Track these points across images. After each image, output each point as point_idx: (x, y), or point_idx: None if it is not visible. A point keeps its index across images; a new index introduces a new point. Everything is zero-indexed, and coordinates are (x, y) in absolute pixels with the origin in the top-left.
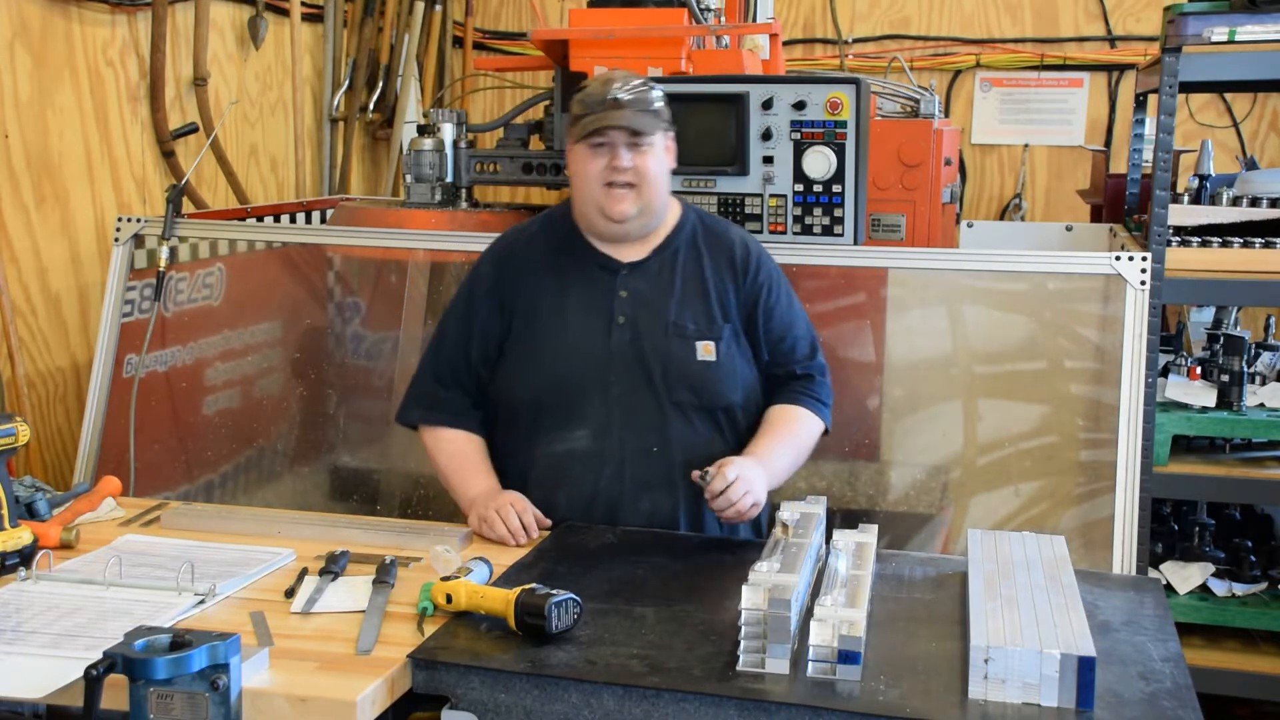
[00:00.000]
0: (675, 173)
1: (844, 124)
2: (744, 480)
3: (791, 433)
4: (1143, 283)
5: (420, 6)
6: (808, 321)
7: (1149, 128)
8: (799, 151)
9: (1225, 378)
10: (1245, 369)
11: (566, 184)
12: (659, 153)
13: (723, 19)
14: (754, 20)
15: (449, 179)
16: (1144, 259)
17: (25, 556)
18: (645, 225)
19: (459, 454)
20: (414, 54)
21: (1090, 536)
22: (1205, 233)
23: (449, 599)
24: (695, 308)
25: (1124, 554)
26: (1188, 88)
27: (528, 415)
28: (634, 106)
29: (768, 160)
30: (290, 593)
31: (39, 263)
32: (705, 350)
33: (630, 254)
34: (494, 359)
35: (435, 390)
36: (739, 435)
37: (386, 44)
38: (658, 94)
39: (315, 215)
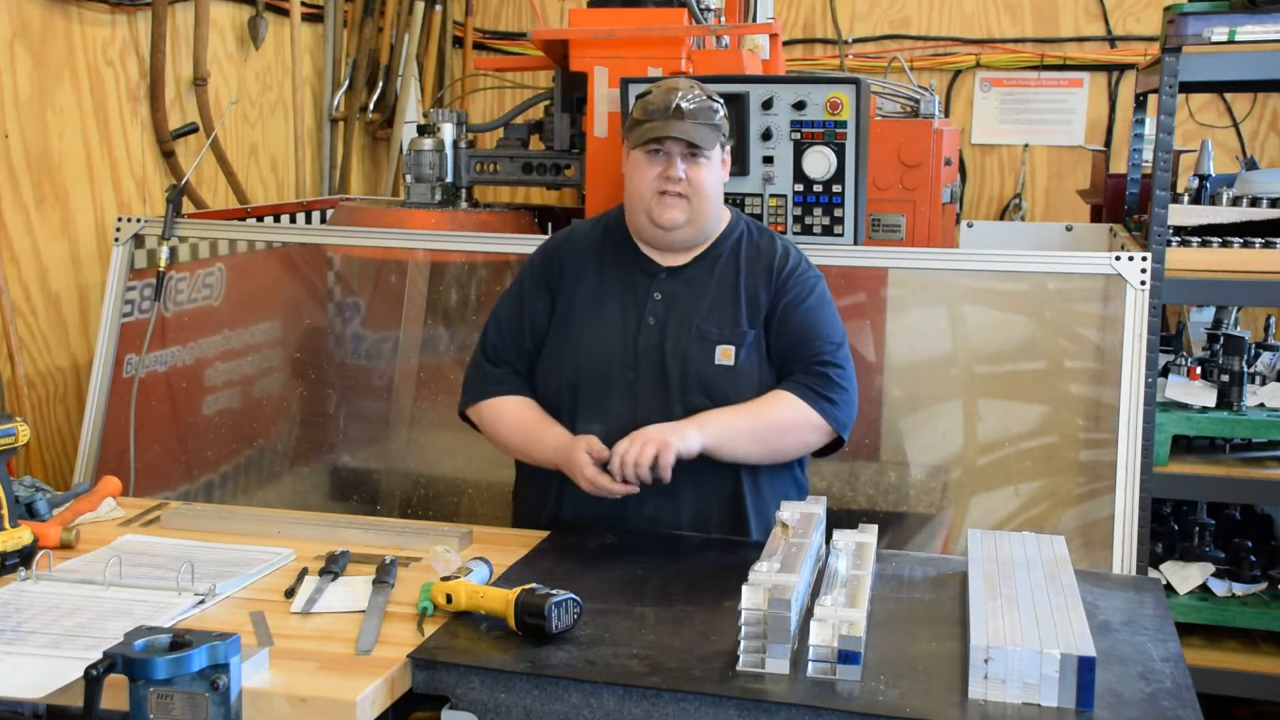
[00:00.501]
0: None
1: (844, 124)
2: (638, 439)
3: (761, 403)
4: (1143, 283)
5: (420, 6)
6: (841, 333)
7: (1149, 128)
8: (799, 151)
9: (1225, 378)
10: (1245, 369)
11: (566, 184)
12: (714, 166)
13: (723, 19)
14: (754, 20)
15: (449, 179)
16: (1144, 259)
17: (25, 556)
18: (695, 236)
19: (516, 421)
20: (414, 54)
21: (1090, 536)
22: (1205, 233)
23: (449, 599)
24: (724, 314)
25: (1124, 554)
26: (1188, 88)
27: (550, 405)
28: (695, 118)
29: (768, 160)
30: (290, 593)
31: (39, 263)
32: (724, 354)
33: (672, 259)
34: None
35: (486, 370)
36: None
37: (386, 44)
38: (720, 106)
39: (315, 215)
